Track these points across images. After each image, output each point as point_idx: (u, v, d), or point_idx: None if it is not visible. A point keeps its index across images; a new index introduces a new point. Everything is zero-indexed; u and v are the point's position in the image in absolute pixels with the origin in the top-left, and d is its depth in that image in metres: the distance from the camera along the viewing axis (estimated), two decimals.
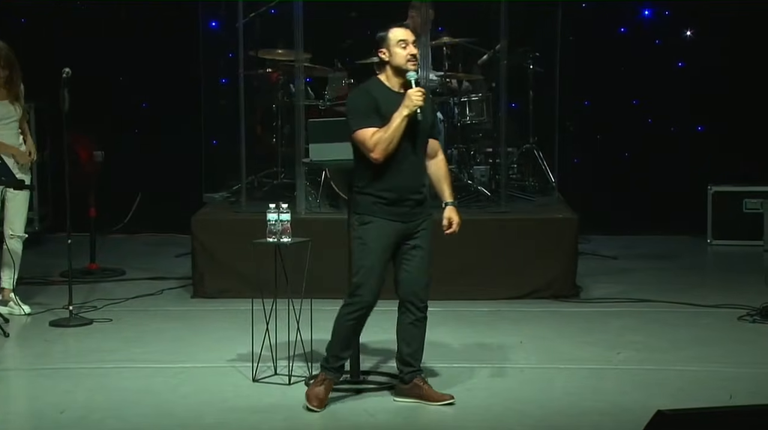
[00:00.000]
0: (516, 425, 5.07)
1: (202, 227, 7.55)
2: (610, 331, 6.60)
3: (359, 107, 5.13)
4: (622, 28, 9.84)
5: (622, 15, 9.76)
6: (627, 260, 8.62)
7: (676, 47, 9.72)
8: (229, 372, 5.79)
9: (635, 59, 9.53)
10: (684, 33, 9.73)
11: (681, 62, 9.77)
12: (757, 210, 9.06)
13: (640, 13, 9.82)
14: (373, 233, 5.10)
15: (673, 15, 9.73)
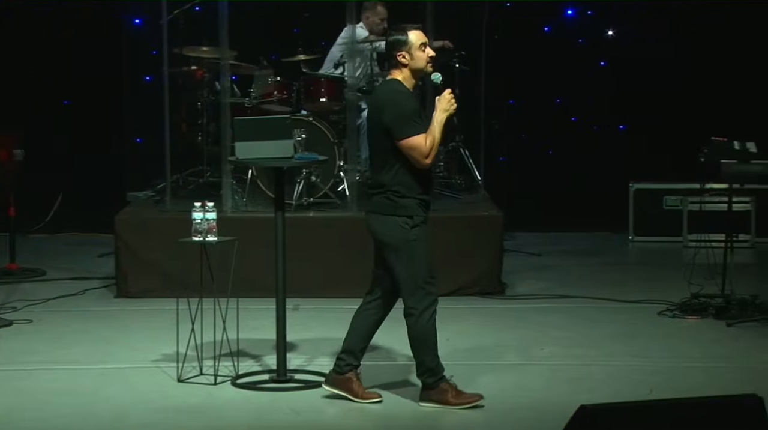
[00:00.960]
0: (441, 421, 5.11)
1: (125, 227, 7.46)
2: (534, 327, 6.67)
3: (409, 113, 5.07)
4: (546, 28, 9.96)
5: (545, 15, 9.88)
6: (551, 257, 8.73)
7: (599, 47, 9.87)
8: (153, 373, 5.73)
9: (559, 58, 9.65)
10: (606, 32, 9.88)
11: (603, 62, 9.92)
12: (676, 207, 9.26)
13: (563, 12, 9.95)
14: (425, 233, 5.15)
15: (595, 15, 9.88)
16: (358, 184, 7.84)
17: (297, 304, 6.87)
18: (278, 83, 8.19)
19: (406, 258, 5.10)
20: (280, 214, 5.55)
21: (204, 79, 8.24)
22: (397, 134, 5.05)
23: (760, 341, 6.28)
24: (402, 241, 5.10)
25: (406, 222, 5.11)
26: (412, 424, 5.12)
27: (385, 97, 5.16)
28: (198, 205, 5.57)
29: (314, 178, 7.73)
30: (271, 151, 5.56)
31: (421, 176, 5.14)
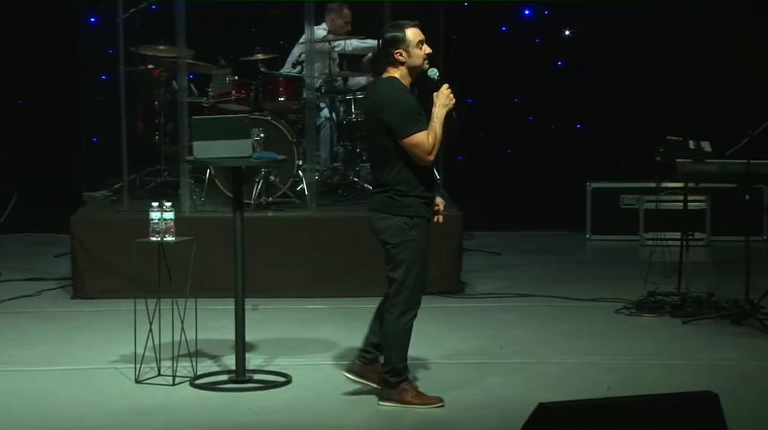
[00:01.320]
0: (401, 420, 5.12)
1: (82, 227, 7.39)
2: (493, 325, 6.71)
3: (411, 110, 5.09)
4: (504, 27, 10.01)
5: (503, 14, 9.92)
6: (510, 256, 8.77)
7: (556, 46, 9.93)
8: (111, 374, 5.69)
9: (516, 58, 9.71)
10: (563, 32, 9.95)
11: (561, 61, 9.99)
12: (633, 206, 9.34)
13: (520, 12, 10.01)
14: (422, 233, 5.15)
15: (553, 14, 9.94)
16: (316, 184, 7.83)
17: (256, 304, 6.85)
18: (236, 82, 8.15)
19: (401, 258, 5.12)
20: (239, 213, 5.53)
21: (161, 78, 8.18)
22: (400, 132, 5.05)
23: (715, 339, 6.35)
24: (400, 241, 5.12)
25: (406, 222, 5.12)
26: (369, 424, 5.12)
27: (385, 95, 5.14)
28: (155, 205, 5.54)
29: (273, 177, 7.71)
30: (230, 150, 5.54)
31: (424, 174, 5.16)
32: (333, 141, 8.37)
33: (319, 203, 7.76)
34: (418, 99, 5.22)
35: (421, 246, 5.16)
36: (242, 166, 5.68)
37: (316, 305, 7.15)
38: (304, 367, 5.82)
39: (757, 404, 5.24)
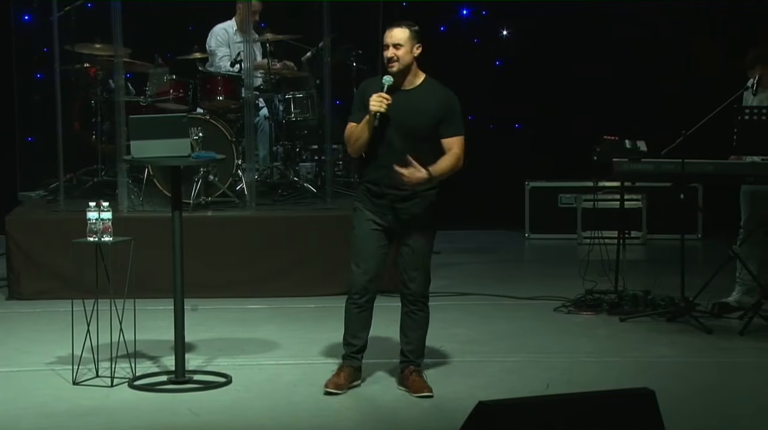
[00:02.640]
0: (342, 419, 5.12)
1: (17, 227, 7.28)
2: (433, 324, 6.66)
3: (354, 101, 5.35)
4: (442, 27, 10.05)
5: (441, 14, 9.97)
6: (449, 255, 8.81)
7: (494, 46, 10.00)
8: (48, 376, 5.61)
9: (455, 58, 9.75)
10: (501, 32, 10.02)
11: (499, 61, 10.06)
12: (571, 205, 9.45)
13: (458, 12, 10.06)
14: (357, 220, 5.34)
15: (490, 14, 10.01)
16: (256, 183, 7.79)
17: (195, 304, 6.81)
18: (174, 81, 8.09)
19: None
20: (178, 213, 5.48)
21: (98, 76, 8.09)
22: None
23: (652, 336, 6.45)
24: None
25: (353, 206, 5.37)
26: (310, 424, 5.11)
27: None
28: (93, 205, 5.47)
29: (212, 177, 7.66)
30: (168, 149, 5.49)
31: (370, 164, 5.31)
32: (272, 140, 8.35)
33: (259, 203, 7.73)
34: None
35: (356, 233, 5.36)
36: (181, 166, 5.63)
37: (256, 305, 7.12)
38: (244, 367, 5.79)
39: (693, 400, 5.33)
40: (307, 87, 8.40)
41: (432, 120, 5.26)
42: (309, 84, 8.44)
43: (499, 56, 10.04)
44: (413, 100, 5.26)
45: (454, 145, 5.28)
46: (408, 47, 5.26)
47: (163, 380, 5.52)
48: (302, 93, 8.28)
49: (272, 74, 8.18)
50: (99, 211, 5.44)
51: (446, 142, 5.27)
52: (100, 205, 5.46)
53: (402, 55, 5.24)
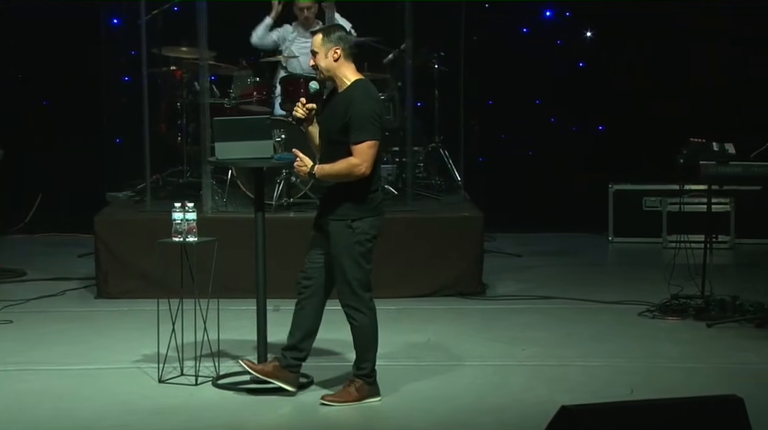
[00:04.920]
0: (422, 422, 5.11)
1: (105, 227, 7.42)
2: (514, 327, 6.69)
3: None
4: (525, 29, 9.98)
5: (524, 16, 9.90)
6: (531, 258, 8.74)
7: (577, 48, 9.90)
8: (133, 373, 5.71)
9: (538, 59, 9.68)
10: (584, 34, 9.92)
11: (582, 62, 9.96)
12: (656, 208, 9.30)
13: (541, 13, 9.98)
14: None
15: (574, 16, 9.91)
16: None
17: (277, 305, 6.85)
18: (258, 84, 8.17)
19: None
20: (260, 214, 5.54)
21: (183, 79, 8.21)
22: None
23: (739, 342, 6.31)
24: None
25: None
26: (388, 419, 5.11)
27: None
28: (178, 206, 5.55)
29: (294, 178, 7.72)
30: (251, 151, 5.55)
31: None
32: None
33: None
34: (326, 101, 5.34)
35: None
36: (263, 168, 5.68)
37: (336, 307, 7.13)
38: (324, 368, 5.82)
39: None
40: (388, 89, 8.41)
41: (339, 124, 5.16)
42: (390, 86, 8.45)
43: (582, 58, 9.93)
44: (334, 105, 5.23)
45: (353, 152, 5.12)
46: (323, 53, 5.18)
47: (246, 379, 5.57)
48: (383, 95, 8.29)
49: None
50: (184, 212, 5.52)
51: (351, 148, 5.13)
52: (185, 206, 5.54)
53: (319, 62, 5.20)
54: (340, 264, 5.18)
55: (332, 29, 5.25)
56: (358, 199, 5.14)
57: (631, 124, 9.65)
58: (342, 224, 5.16)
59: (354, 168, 5.08)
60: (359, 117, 5.08)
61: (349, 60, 5.19)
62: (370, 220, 5.18)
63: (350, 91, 5.16)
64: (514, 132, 9.92)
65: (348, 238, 5.14)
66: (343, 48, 5.17)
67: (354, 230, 5.14)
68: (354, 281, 5.17)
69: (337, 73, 5.18)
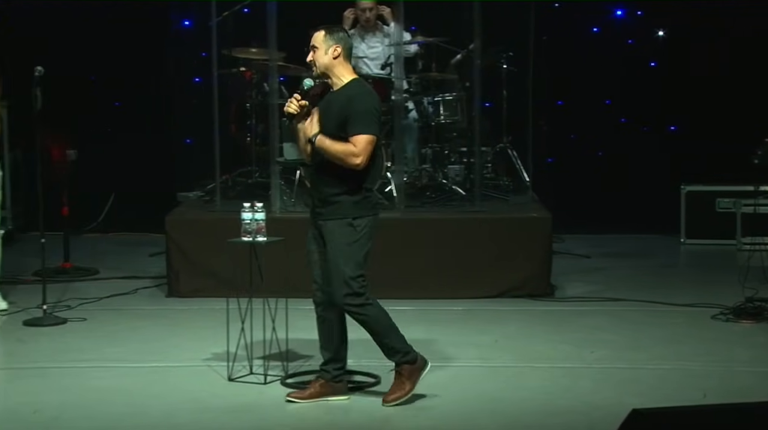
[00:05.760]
0: (490, 423, 5.09)
1: (176, 227, 7.51)
2: (583, 330, 6.62)
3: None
4: (595, 28, 9.89)
5: (594, 15, 9.81)
6: (600, 259, 8.66)
7: (649, 47, 9.77)
8: (204, 371, 5.77)
9: (608, 59, 9.58)
10: (656, 33, 9.79)
11: (653, 62, 9.83)
12: (729, 209, 9.14)
13: (612, 13, 9.87)
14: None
15: (645, 15, 9.79)
16: (405, 185, 7.83)
17: None
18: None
19: None
20: None
21: (253, 80, 8.28)
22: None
23: None
24: None
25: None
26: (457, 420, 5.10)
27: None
28: (247, 206, 5.60)
29: None
30: None
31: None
32: (420, 143, 8.38)
33: (407, 205, 7.76)
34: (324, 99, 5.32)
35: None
36: None
37: (404, 307, 7.15)
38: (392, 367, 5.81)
39: None
40: (456, 89, 8.39)
41: (337, 122, 5.14)
42: (457, 86, 8.43)
43: (653, 57, 9.80)
44: (331, 103, 5.22)
45: (353, 141, 5.09)
46: (323, 49, 5.20)
47: (314, 378, 5.59)
48: (452, 95, 8.28)
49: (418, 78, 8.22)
50: (253, 212, 5.57)
51: (350, 140, 5.11)
52: (254, 206, 5.58)
53: (317, 58, 5.21)
54: (337, 263, 5.14)
55: (336, 28, 5.30)
56: (358, 198, 5.15)
57: (703, 124, 9.50)
58: (343, 222, 5.15)
59: (351, 156, 5.09)
60: (360, 112, 5.11)
61: (346, 61, 5.24)
62: (368, 218, 5.19)
63: (347, 90, 5.19)
64: (584, 132, 9.83)
65: (348, 236, 5.14)
66: (343, 47, 5.21)
67: (356, 229, 5.15)
68: (352, 281, 5.15)
69: (334, 71, 5.22)
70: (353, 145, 5.08)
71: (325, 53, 5.20)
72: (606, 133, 9.78)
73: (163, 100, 9.26)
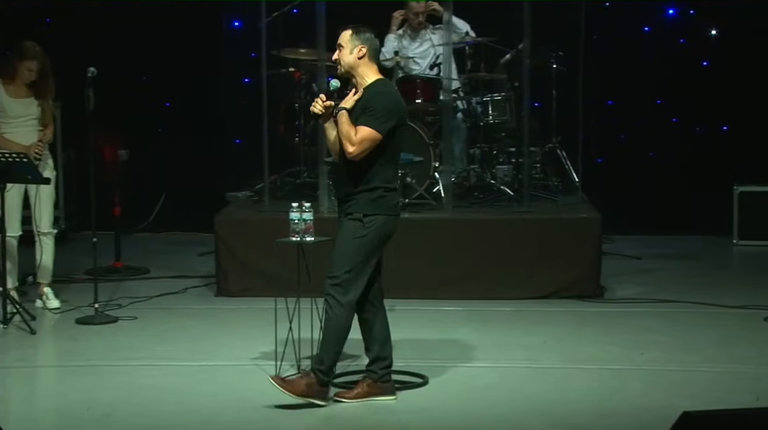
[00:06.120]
0: (538, 425, 5.06)
1: (225, 226, 7.56)
2: (633, 331, 6.56)
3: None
4: (646, 27, 9.79)
5: (646, 14, 9.72)
6: (651, 260, 8.57)
7: (701, 46, 9.66)
8: (252, 370, 5.80)
9: (659, 58, 9.48)
10: (709, 32, 9.67)
11: (706, 61, 9.71)
12: None
13: (664, 11, 9.77)
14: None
15: (698, 14, 9.68)
16: (453, 185, 7.82)
17: (392, 304, 6.87)
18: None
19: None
20: None
21: (301, 80, 8.31)
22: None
23: None
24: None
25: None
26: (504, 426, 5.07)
27: None
28: (295, 206, 5.62)
29: (409, 179, 7.73)
30: None
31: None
32: (469, 143, 8.36)
33: (455, 205, 7.75)
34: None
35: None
36: None
37: (451, 307, 7.14)
38: (439, 368, 5.81)
39: None
40: (505, 89, 8.35)
41: (354, 119, 5.16)
42: (506, 86, 8.40)
43: (706, 57, 9.68)
44: (357, 104, 5.22)
45: (356, 131, 5.12)
46: (348, 48, 5.22)
47: (361, 378, 5.59)
48: (500, 95, 8.25)
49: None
50: (301, 212, 5.59)
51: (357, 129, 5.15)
52: (302, 206, 5.60)
53: (342, 57, 5.23)
54: (339, 253, 5.18)
55: (363, 29, 5.31)
56: (374, 196, 5.18)
57: (756, 124, 9.36)
58: (355, 218, 5.20)
59: (348, 142, 5.13)
60: (373, 109, 5.16)
61: (372, 61, 5.26)
62: (382, 219, 5.20)
63: (370, 89, 5.23)
64: (635, 132, 9.74)
65: (355, 231, 5.18)
66: (369, 48, 5.23)
67: (364, 224, 5.17)
68: (347, 274, 5.17)
69: (358, 70, 5.24)
70: (358, 132, 5.14)
71: (350, 53, 5.23)
72: (657, 133, 9.68)
73: (213, 100, 9.32)
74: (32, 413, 5.36)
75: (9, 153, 6.65)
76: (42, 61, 6.96)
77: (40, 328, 6.69)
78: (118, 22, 9.46)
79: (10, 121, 6.99)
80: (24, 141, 6.98)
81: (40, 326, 6.72)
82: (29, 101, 7.02)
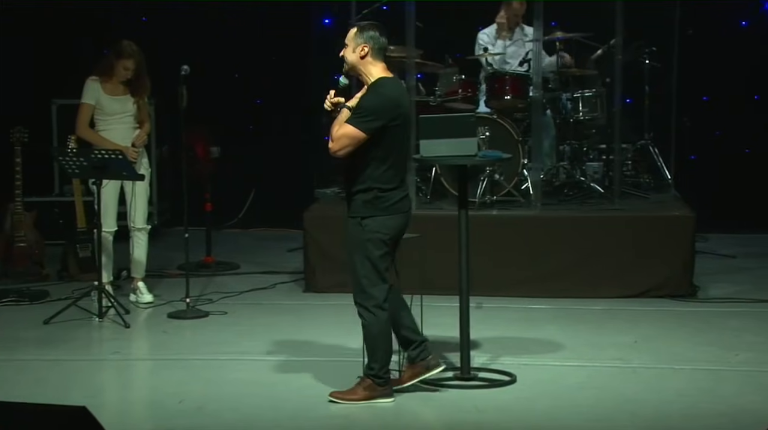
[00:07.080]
0: (628, 425, 4.99)
1: (313, 223, 7.62)
2: (727, 331, 6.43)
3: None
4: (743, 22, 9.56)
5: (742, 8, 9.49)
6: (746, 259, 8.38)
7: None
8: (340, 366, 5.83)
9: (757, 54, 9.25)
10: None
11: None
12: None
13: (762, 6, 9.53)
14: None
15: None
16: (542, 183, 7.75)
17: (480, 302, 6.86)
18: (463, 81, 8.18)
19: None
20: (464, 212, 5.54)
21: None
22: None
23: None
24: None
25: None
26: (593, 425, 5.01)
27: None
28: None
29: (498, 176, 7.69)
30: (455, 149, 5.57)
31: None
32: (559, 139, 8.27)
33: (544, 202, 7.67)
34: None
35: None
36: (467, 165, 5.69)
37: (539, 305, 7.08)
38: (527, 367, 5.77)
39: None
40: (596, 85, 8.24)
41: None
42: (597, 82, 8.28)
43: None
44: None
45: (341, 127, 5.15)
46: (351, 47, 5.22)
47: (449, 376, 5.59)
48: (591, 92, 8.14)
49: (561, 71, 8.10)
50: None
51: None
52: None
53: (347, 55, 5.23)
54: (352, 261, 5.20)
55: (367, 27, 5.29)
56: (369, 197, 5.16)
57: None
58: (355, 220, 5.19)
59: (331, 138, 5.20)
60: (359, 107, 5.17)
61: (377, 59, 5.25)
62: (381, 219, 5.16)
63: (370, 88, 5.24)
64: (730, 129, 9.52)
65: (358, 235, 5.17)
66: (372, 47, 5.23)
67: (363, 228, 5.15)
68: (364, 280, 5.17)
69: (361, 69, 5.25)
70: (343, 130, 5.17)
71: (353, 51, 5.26)
72: (754, 129, 9.45)
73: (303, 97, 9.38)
74: (126, 405, 5.47)
75: (105, 150, 6.81)
76: (138, 60, 7.10)
77: (134, 322, 6.82)
78: (210, 20, 9.59)
79: (107, 119, 7.15)
80: (120, 138, 7.13)
81: (133, 319, 6.86)
82: (126, 99, 7.17)
